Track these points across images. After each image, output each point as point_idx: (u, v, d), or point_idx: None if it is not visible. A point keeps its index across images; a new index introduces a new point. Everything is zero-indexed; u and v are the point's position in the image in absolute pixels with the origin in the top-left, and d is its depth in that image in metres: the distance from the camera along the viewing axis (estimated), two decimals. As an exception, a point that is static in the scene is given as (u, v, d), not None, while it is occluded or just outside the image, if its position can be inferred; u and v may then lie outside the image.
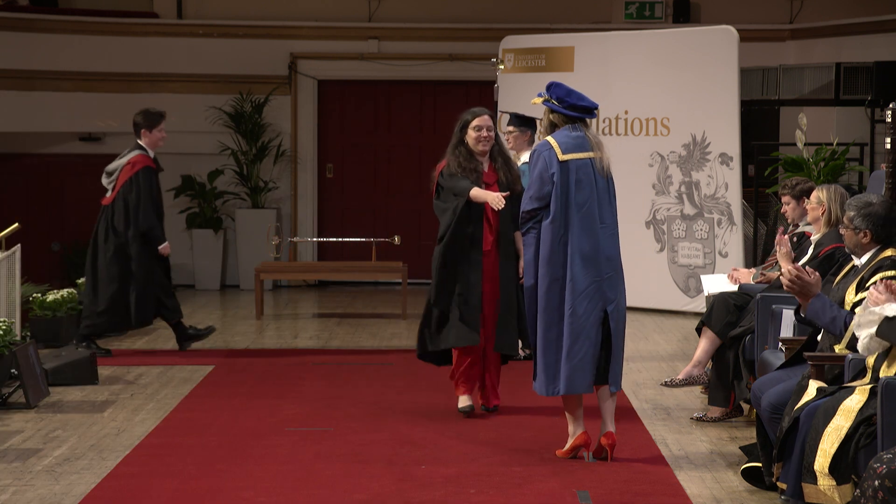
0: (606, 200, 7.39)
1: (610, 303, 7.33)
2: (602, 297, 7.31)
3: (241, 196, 16.67)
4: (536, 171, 7.36)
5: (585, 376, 7.29)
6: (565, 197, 7.31)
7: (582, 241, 7.29)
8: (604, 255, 7.33)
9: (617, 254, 7.41)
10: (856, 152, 14.68)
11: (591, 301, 7.29)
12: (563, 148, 7.35)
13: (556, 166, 7.31)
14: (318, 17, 16.93)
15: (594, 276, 7.30)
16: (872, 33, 15.65)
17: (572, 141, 7.37)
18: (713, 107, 13.42)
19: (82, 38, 16.63)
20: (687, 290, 13.66)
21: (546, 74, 14.08)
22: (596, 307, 7.30)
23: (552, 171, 7.31)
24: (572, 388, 7.29)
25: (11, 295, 10.16)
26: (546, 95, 7.48)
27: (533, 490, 6.82)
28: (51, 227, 17.09)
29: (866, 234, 6.68)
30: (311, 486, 6.91)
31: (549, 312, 7.30)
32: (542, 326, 7.32)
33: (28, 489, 6.84)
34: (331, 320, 13.50)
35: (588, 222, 7.31)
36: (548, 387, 7.33)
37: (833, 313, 6.45)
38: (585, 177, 7.34)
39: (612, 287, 7.35)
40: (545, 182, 7.32)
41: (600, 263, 7.32)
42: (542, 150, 7.39)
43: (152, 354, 11.25)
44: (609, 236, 7.37)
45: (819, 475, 5.87)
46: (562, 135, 7.41)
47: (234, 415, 8.75)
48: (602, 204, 7.37)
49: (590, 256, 7.30)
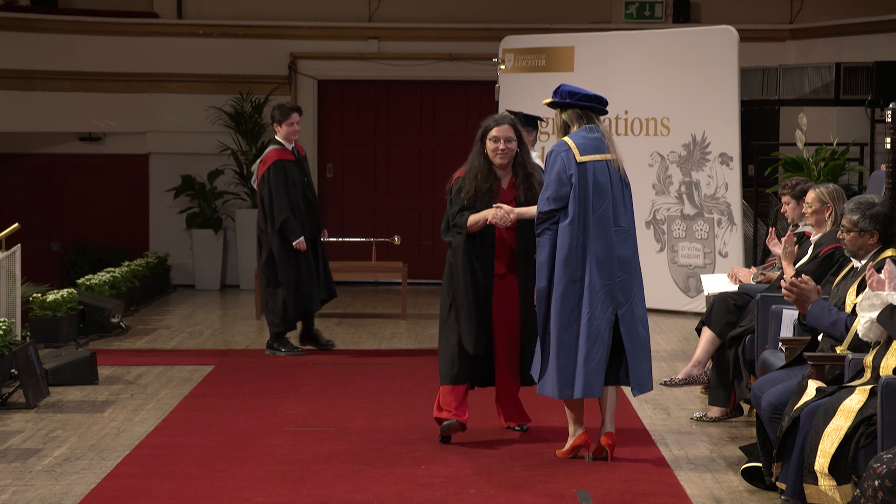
0: (621, 202, 7.35)
1: (621, 306, 7.29)
2: (613, 300, 7.28)
3: (241, 196, 16.67)
4: (554, 172, 7.30)
5: (600, 381, 7.25)
6: (583, 199, 7.26)
7: (598, 244, 7.25)
8: (616, 259, 7.29)
9: (631, 256, 7.35)
10: (856, 152, 14.69)
11: (603, 304, 7.26)
12: (580, 149, 7.29)
13: (574, 168, 7.26)
14: (318, 17, 16.93)
15: (606, 279, 7.26)
16: (872, 33, 15.65)
17: (590, 142, 7.32)
18: (713, 107, 13.42)
19: (82, 38, 16.63)
20: (687, 290, 13.66)
21: (546, 74, 14.08)
22: (607, 311, 7.27)
23: (570, 172, 7.26)
24: (589, 393, 7.25)
25: (11, 295, 10.16)
26: (554, 98, 7.44)
27: (533, 490, 6.82)
28: (51, 227, 17.10)
29: (873, 235, 6.65)
30: (311, 486, 6.90)
31: (564, 315, 7.25)
32: (558, 329, 7.27)
33: (28, 489, 6.84)
34: (331, 320, 13.50)
35: (603, 225, 7.27)
36: (562, 390, 7.27)
37: (833, 317, 6.44)
38: (603, 178, 7.29)
39: (623, 290, 7.30)
40: (563, 183, 7.27)
41: (613, 267, 7.28)
42: (559, 150, 7.32)
43: (152, 354, 11.24)
44: (623, 239, 7.32)
45: (819, 475, 5.87)
46: (579, 136, 7.34)
47: (234, 415, 8.75)
48: (617, 206, 7.33)
49: (604, 260, 7.26)
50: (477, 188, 7.77)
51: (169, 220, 16.83)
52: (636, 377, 7.34)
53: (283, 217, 10.90)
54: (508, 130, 7.77)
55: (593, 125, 7.38)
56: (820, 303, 6.49)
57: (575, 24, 16.01)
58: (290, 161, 11.01)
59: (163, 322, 13.38)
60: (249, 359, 11.07)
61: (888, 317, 5.90)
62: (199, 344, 11.87)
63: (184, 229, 16.65)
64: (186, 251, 16.60)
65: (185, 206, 16.65)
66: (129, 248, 16.62)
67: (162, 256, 16.02)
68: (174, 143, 16.90)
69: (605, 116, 7.58)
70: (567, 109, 7.41)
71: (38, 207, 16.99)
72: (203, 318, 13.67)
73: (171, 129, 16.86)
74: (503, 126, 7.78)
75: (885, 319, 5.91)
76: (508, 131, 7.77)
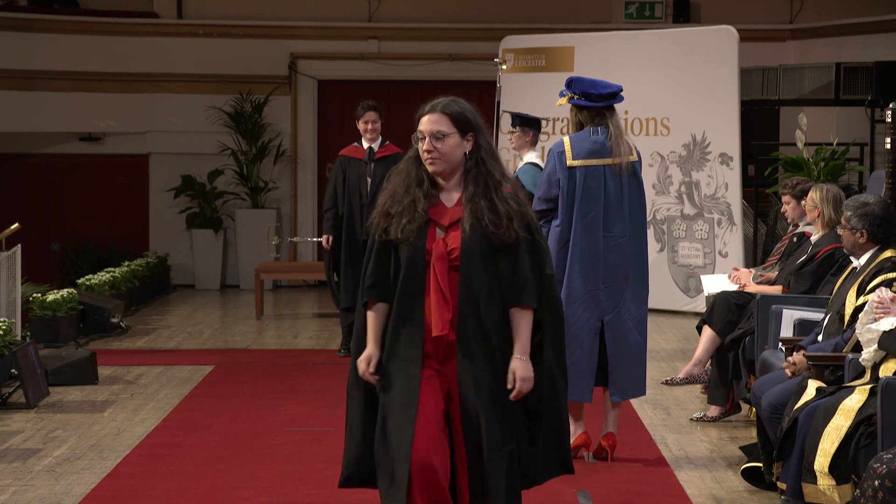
0: (618, 209, 7.21)
1: (607, 313, 7.25)
2: (598, 306, 7.23)
3: (241, 196, 16.67)
4: (546, 172, 7.27)
5: (574, 384, 7.08)
6: (570, 203, 7.19)
7: (583, 249, 7.18)
8: (604, 264, 7.22)
9: (624, 262, 7.24)
10: (856, 152, 14.69)
11: (586, 310, 7.21)
12: (574, 152, 7.19)
13: (563, 171, 7.20)
14: (318, 17, 16.93)
15: (591, 284, 7.20)
16: (872, 33, 15.65)
17: (588, 146, 7.20)
18: (713, 107, 13.42)
19: (82, 38, 16.63)
20: (687, 290, 13.66)
21: (546, 74, 14.10)
22: (591, 317, 7.22)
23: (559, 175, 7.22)
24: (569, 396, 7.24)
25: (11, 295, 10.16)
26: (569, 94, 7.27)
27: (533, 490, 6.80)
28: (51, 227, 17.09)
29: (863, 234, 6.68)
30: (311, 486, 6.90)
31: None
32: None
33: (28, 489, 6.84)
34: (331, 320, 13.50)
35: (591, 231, 7.19)
36: None
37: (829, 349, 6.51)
38: (595, 184, 7.18)
39: (611, 296, 7.23)
40: (552, 185, 7.22)
41: (599, 272, 7.22)
42: (555, 150, 7.26)
43: (152, 354, 11.24)
44: (615, 245, 7.21)
45: (819, 475, 5.88)
46: (579, 137, 7.23)
47: (234, 415, 8.75)
48: (612, 213, 7.20)
49: (589, 265, 7.19)
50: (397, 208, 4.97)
51: (169, 220, 16.83)
52: (619, 383, 7.29)
53: (325, 208, 10.87)
54: (438, 122, 4.94)
55: (602, 126, 7.23)
56: (812, 348, 6.59)
57: (575, 24, 16.01)
58: (356, 159, 10.83)
59: (163, 322, 13.38)
60: (249, 359, 11.07)
61: (886, 341, 5.94)
62: (199, 344, 11.87)
63: (184, 229, 16.65)
64: (186, 251, 16.60)
65: (185, 206, 16.65)
66: (129, 248, 16.61)
67: (162, 256, 16.02)
68: (174, 143, 16.90)
69: None
70: (583, 110, 7.29)
71: (38, 207, 16.98)
72: (203, 318, 13.67)
73: (171, 129, 16.86)
74: (428, 116, 4.97)
75: (886, 344, 5.95)
76: (437, 122, 4.94)
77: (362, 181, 10.73)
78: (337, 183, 10.82)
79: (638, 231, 7.33)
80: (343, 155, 10.93)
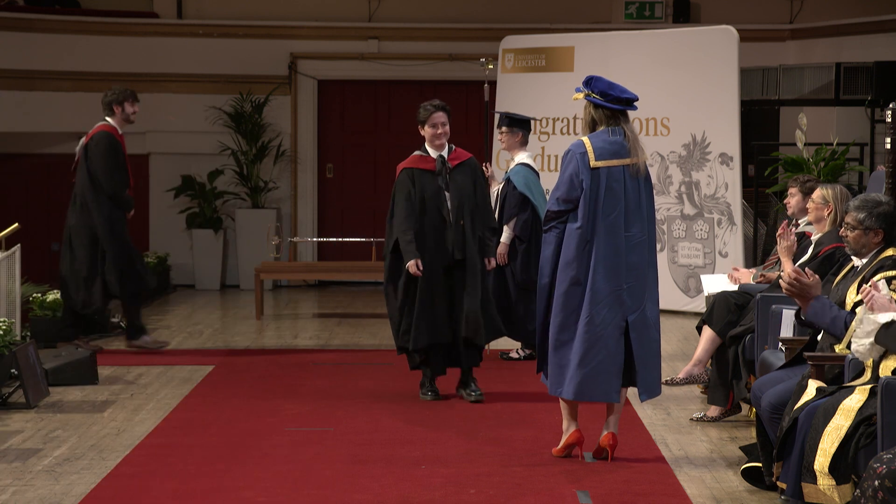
0: (636, 209, 7.24)
1: (631, 312, 7.28)
2: (622, 306, 7.25)
3: (241, 196, 16.67)
4: (567, 173, 7.24)
5: (600, 384, 7.20)
6: (594, 204, 7.20)
7: (606, 250, 7.20)
8: (626, 264, 7.25)
9: (643, 262, 7.29)
10: (856, 152, 14.69)
11: (611, 310, 7.23)
12: (596, 153, 7.21)
13: (586, 172, 7.19)
14: (318, 17, 16.93)
15: (615, 285, 7.23)
16: (872, 33, 15.65)
17: (608, 147, 7.22)
18: (713, 107, 13.42)
19: (82, 38, 16.63)
20: (687, 290, 13.66)
21: (546, 74, 14.10)
22: (616, 316, 7.24)
23: (582, 176, 7.20)
24: (582, 396, 7.23)
25: (11, 295, 10.16)
26: (587, 90, 7.27)
27: (533, 490, 6.82)
28: (51, 227, 17.06)
29: (878, 234, 6.65)
30: (311, 486, 6.91)
31: (565, 315, 7.23)
32: (557, 327, 7.26)
33: (28, 489, 6.84)
34: (331, 320, 13.50)
35: (613, 231, 7.21)
36: (554, 387, 7.31)
37: (833, 313, 6.45)
38: (616, 184, 7.20)
39: (634, 296, 7.27)
40: (574, 186, 7.21)
41: (621, 272, 7.25)
42: (576, 151, 7.25)
43: (152, 354, 11.24)
44: (635, 245, 7.25)
45: (819, 475, 5.88)
46: (599, 138, 7.25)
47: (234, 415, 8.75)
48: (630, 213, 7.23)
49: (612, 265, 7.22)
50: None
51: (169, 220, 16.83)
52: (645, 382, 7.34)
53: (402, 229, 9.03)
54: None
55: (618, 127, 7.26)
56: (821, 299, 6.49)
57: (575, 24, 16.00)
58: (427, 171, 9.11)
59: (163, 322, 13.38)
60: (249, 359, 11.07)
61: (884, 335, 5.93)
62: (199, 344, 11.87)
63: (184, 229, 16.64)
64: (186, 251, 16.60)
65: (185, 206, 16.65)
66: (129, 249, 16.59)
67: (162, 256, 16.02)
68: (174, 142, 16.90)
69: None
70: (599, 108, 7.31)
71: (38, 207, 16.97)
72: (203, 318, 13.67)
73: (171, 129, 16.85)
74: None
75: (882, 339, 5.94)
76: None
77: (440, 198, 9.07)
78: (413, 201, 9.04)
79: (651, 232, 7.38)
80: (408, 167, 9.17)
